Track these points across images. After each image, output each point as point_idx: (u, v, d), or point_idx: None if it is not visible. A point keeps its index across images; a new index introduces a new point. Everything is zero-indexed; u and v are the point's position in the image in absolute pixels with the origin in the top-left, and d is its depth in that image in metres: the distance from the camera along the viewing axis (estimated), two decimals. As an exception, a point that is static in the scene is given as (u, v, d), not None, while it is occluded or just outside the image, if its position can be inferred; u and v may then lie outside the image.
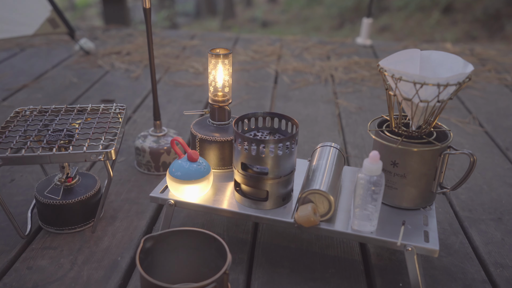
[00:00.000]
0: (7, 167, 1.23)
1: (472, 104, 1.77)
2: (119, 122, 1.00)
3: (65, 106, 1.05)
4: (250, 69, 2.11)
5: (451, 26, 5.76)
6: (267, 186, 0.84)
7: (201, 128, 0.99)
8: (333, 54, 2.36)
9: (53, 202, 0.94)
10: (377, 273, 0.89)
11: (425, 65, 0.84)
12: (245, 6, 8.93)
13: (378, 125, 0.90)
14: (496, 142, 1.46)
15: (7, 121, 0.99)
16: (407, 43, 2.66)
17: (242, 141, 0.83)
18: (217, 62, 0.96)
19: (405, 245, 0.77)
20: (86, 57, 2.21)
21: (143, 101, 1.72)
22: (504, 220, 1.07)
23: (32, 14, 2.08)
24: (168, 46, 2.44)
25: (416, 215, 0.85)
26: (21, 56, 2.23)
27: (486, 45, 2.97)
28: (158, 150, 1.20)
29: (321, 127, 1.53)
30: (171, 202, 0.89)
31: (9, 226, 0.99)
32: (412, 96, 0.78)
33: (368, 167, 0.75)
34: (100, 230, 1.00)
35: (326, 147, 0.96)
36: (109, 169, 0.91)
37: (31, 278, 0.86)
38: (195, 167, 0.89)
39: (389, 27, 6.15)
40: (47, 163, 0.87)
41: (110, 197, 1.11)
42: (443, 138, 0.86)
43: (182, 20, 8.37)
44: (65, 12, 2.36)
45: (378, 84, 1.94)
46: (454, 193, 1.16)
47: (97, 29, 2.85)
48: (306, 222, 0.80)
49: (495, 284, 0.88)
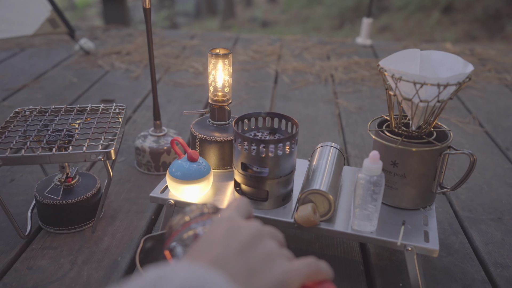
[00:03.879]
0: (7, 167, 1.23)
1: (472, 104, 1.77)
2: (119, 122, 1.00)
3: (64, 106, 1.05)
4: (250, 69, 2.11)
5: (451, 26, 5.76)
6: (267, 186, 0.84)
7: (201, 128, 0.99)
8: (333, 54, 2.35)
9: (53, 202, 0.94)
10: (377, 273, 0.89)
11: (425, 65, 0.84)
12: (245, 6, 8.93)
13: (378, 125, 0.90)
14: (496, 142, 1.46)
15: (7, 121, 0.99)
16: (407, 43, 2.66)
17: (242, 141, 0.83)
18: (217, 62, 0.96)
19: (405, 245, 0.77)
20: (86, 57, 2.21)
21: (143, 101, 1.72)
22: (504, 220, 1.07)
23: (32, 14, 2.07)
24: (168, 46, 2.44)
25: (416, 215, 0.85)
26: (21, 56, 2.23)
27: (486, 45, 2.97)
28: (158, 150, 1.20)
29: (321, 127, 1.53)
30: (171, 202, 0.89)
31: (9, 226, 0.99)
32: (412, 96, 0.78)
33: (368, 167, 0.75)
34: (100, 230, 1.00)
35: (326, 147, 0.95)
36: (109, 169, 0.91)
37: (31, 278, 0.86)
38: (195, 167, 0.88)
39: (389, 27, 6.15)
40: (47, 163, 0.87)
41: (110, 197, 1.11)
42: (443, 138, 0.86)
43: (182, 20, 8.37)
44: (65, 12, 2.36)
45: (378, 84, 1.94)
46: (454, 193, 1.16)
47: (97, 29, 2.85)
48: (306, 222, 0.80)
49: (495, 284, 0.88)
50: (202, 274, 0.32)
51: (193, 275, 0.31)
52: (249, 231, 0.40)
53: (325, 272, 0.41)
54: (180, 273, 0.31)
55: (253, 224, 0.42)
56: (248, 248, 0.38)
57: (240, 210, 0.44)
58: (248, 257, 0.38)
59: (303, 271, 0.39)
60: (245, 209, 0.45)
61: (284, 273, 0.38)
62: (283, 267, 0.38)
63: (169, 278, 0.30)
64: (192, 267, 0.32)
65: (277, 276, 0.37)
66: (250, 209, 0.45)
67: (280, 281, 0.37)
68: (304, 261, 0.40)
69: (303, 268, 0.39)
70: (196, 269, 0.32)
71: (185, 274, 0.31)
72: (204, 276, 0.31)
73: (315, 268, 0.40)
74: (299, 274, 0.38)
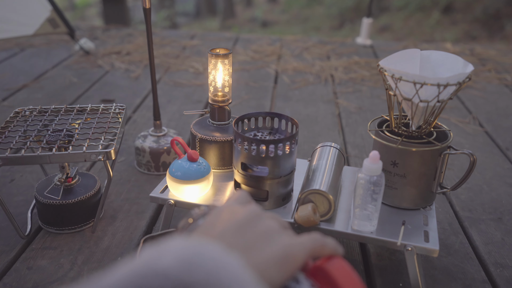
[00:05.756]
0: (7, 167, 1.23)
1: (472, 104, 1.77)
2: (119, 122, 1.00)
3: (64, 106, 1.05)
4: (250, 69, 2.11)
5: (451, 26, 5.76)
6: (267, 186, 0.84)
7: (201, 128, 0.99)
8: (333, 54, 2.35)
9: (53, 202, 0.94)
10: (377, 273, 0.89)
11: (425, 65, 0.84)
12: (245, 6, 8.93)
13: (378, 125, 0.90)
14: (496, 142, 1.46)
15: (7, 121, 0.99)
16: (407, 43, 2.66)
17: (242, 141, 0.83)
18: (217, 62, 0.96)
19: (405, 245, 0.77)
20: (86, 57, 2.21)
21: (143, 101, 1.72)
22: (504, 220, 1.07)
23: (32, 14, 2.08)
24: (168, 46, 2.44)
25: (416, 215, 0.85)
26: (21, 56, 2.23)
27: (486, 45, 2.97)
28: (158, 150, 1.20)
29: (321, 127, 1.53)
30: (171, 202, 0.89)
31: (9, 226, 0.99)
32: (412, 96, 0.78)
33: (368, 167, 0.75)
34: (100, 230, 1.00)
35: (326, 147, 0.95)
36: (109, 169, 0.91)
37: (31, 278, 0.86)
38: (195, 167, 0.88)
39: (389, 27, 6.15)
40: (46, 163, 0.87)
41: (110, 197, 1.11)
42: (443, 138, 0.86)
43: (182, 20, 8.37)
44: (65, 12, 2.36)
45: (378, 84, 1.94)
46: (454, 193, 1.16)
47: (97, 29, 2.85)
48: (306, 222, 0.80)
49: (495, 284, 0.87)
50: (196, 246, 0.31)
51: (187, 248, 0.30)
52: (247, 212, 0.39)
53: (331, 247, 0.39)
54: (173, 248, 0.30)
55: (251, 206, 0.40)
56: (245, 227, 0.37)
57: (239, 200, 0.44)
58: (245, 235, 0.36)
59: (307, 245, 0.38)
60: (245, 200, 0.44)
61: (286, 247, 0.36)
62: (285, 242, 0.37)
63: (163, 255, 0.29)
64: (186, 241, 0.31)
65: (278, 250, 0.36)
66: (250, 200, 0.45)
67: (282, 255, 0.36)
68: (308, 236, 0.39)
69: (307, 242, 0.38)
70: (190, 242, 0.31)
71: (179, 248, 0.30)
72: (198, 247, 0.30)
73: (320, 243, 0.39)
74: (303, 248, 0.37)
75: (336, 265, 0.38)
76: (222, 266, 0.29)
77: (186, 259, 0.29)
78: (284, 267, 0.36)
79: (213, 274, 0.28)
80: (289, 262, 0.36)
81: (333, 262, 0.38)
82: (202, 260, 0.29)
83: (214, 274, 0.29)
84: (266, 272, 0.34)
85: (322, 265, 0.38)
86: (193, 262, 0.29)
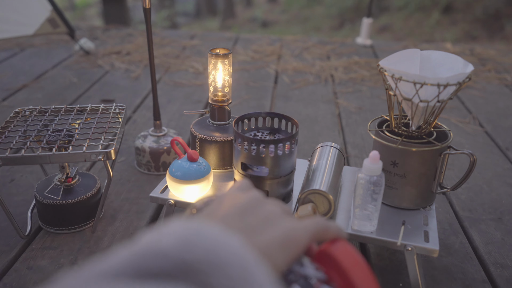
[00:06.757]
0: (7, 167, 1.23)
1: (472, 104, 1.77)
2: (119, 122, 1.00)
3: (64, 106, 1.05)
4: (250, 69, 2.11)
5: (451, 26, 5.76)
6: (267, 186, 0.84)
7: (201, 128, 0.99)
8: (333, 54, 2.35)
9: (53, 202, 0.94)
10: (377, 273, 0.89)
11: (425, 65, 0.84)
12: (245, 6, 8.94)
13: (378, 125, 0.90)
14: (496, 142, 1.46)
15: (7, 121, 0.99)
16: (407, 43, 2.66)
17: (242, 141, 0.83)
18: (217, 62, 0.96)
19: (405, 245, 0.77)
20: (86, 57, 2.21)
21: (143, 101, 1.72)
22: (504, 220, 1.07)
23: (32, 14, 2.08)
24: (168, 46, 2.44)
25: (416, 215, 0.85)
26: (21, 56, 2.23)
27: (486, 45, 2.97)
28: (158, 150, 1.20)
29: (321, 127, 1.53)
30: (171, 202, 0.89)
31: (9, 226, 0.99)
32: (412, 96, 0.78)
33: (368, 167, 0.75)
34: (100, 230, 1.00)
35: (326, 147, 0.96)
36: (109, 169, 0.91)
37: (31, 278, 0.86)
38: (195, 167, 0.88)
39: (389, 27, 6.15)
40: (47, 163, 0.87)
41: (110, 197, 1.11)
42: (443, 138, 0.86)
43: (182, 20, 8.37)
44: (65, 12, 2.36)
45: (378, 84, 1.94)
46: (454, 193, 1.16)
47: (97, 29, 2.85)
48: (306, 222, 0.80)
49: (495, 284, 0.88)
50: (196, 227, 0.30)
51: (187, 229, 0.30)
52: (248, 197, 0.39)
53: (335, 231, 0.39)
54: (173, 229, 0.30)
55: (253, 192, 0.40)
56: (247, 212, 0.37)
57: (241, 188, 0.43)
58: (247, 219, 0.36)
59: (310, 228, 0.37)
60: (246, 188, 0.44)
61: (289, 230, 0.36)
62: (287, 225, 0.37)
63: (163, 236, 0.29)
64: (186, 223, 0.31)
65: (281, 234, 0.36)
66: (252, 187, 0.44)
67: (285, 238, 0.35)
68: (311, 220, 0.38)
69: (310, 226, 0.38)
70: (190, 223, 0.31)
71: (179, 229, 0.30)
72: (198, 227, 0.30)
73: (323, 227, 0.38)
74: (306, 232, 0.37)
75: (341, 249, 0.38)
76: (221, 244, 0.29)
77: (186, 238, 0.29)
78: (287, 250, 0.35)
79: (213, 252, 0.28)
80: (292, 245, 0.36)
81: (337, 246, 0.38)
82: (201, 239, 0.29)
83: (214, 251, 0.28)
84: (269, 255, 0.34)
85: (326, 249, 0.38)
86: (192, 241, 0.29)
